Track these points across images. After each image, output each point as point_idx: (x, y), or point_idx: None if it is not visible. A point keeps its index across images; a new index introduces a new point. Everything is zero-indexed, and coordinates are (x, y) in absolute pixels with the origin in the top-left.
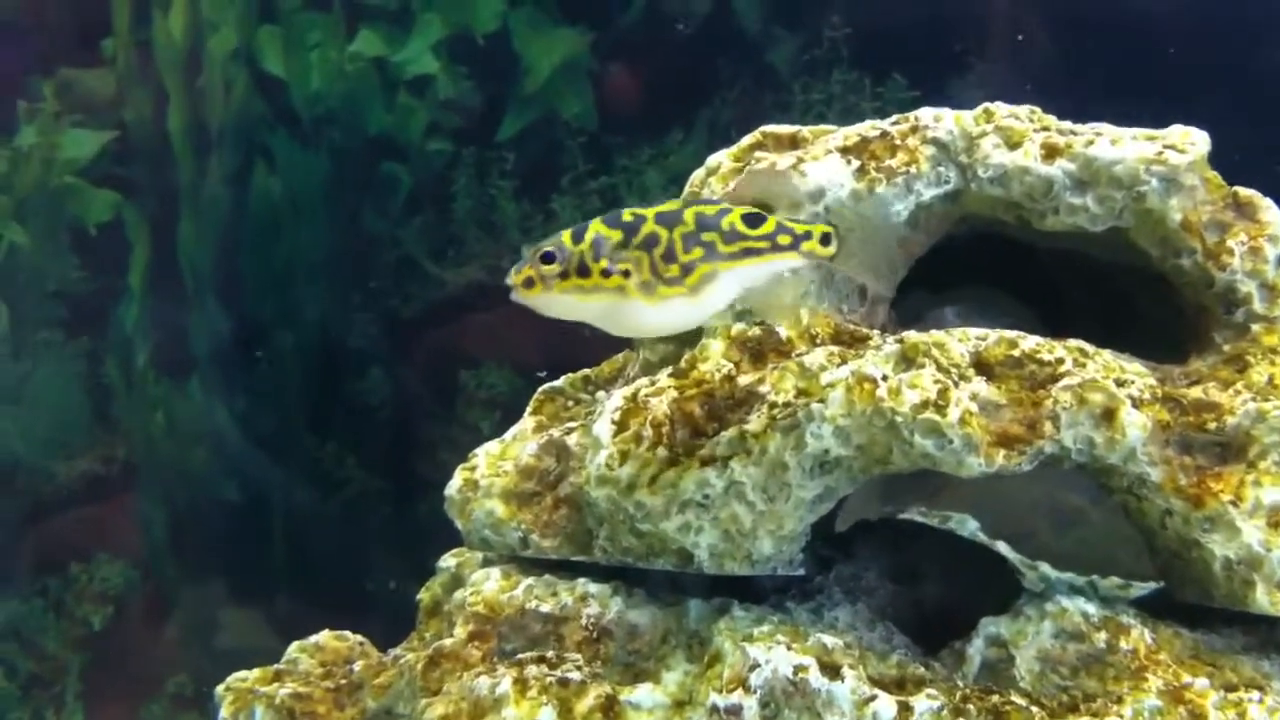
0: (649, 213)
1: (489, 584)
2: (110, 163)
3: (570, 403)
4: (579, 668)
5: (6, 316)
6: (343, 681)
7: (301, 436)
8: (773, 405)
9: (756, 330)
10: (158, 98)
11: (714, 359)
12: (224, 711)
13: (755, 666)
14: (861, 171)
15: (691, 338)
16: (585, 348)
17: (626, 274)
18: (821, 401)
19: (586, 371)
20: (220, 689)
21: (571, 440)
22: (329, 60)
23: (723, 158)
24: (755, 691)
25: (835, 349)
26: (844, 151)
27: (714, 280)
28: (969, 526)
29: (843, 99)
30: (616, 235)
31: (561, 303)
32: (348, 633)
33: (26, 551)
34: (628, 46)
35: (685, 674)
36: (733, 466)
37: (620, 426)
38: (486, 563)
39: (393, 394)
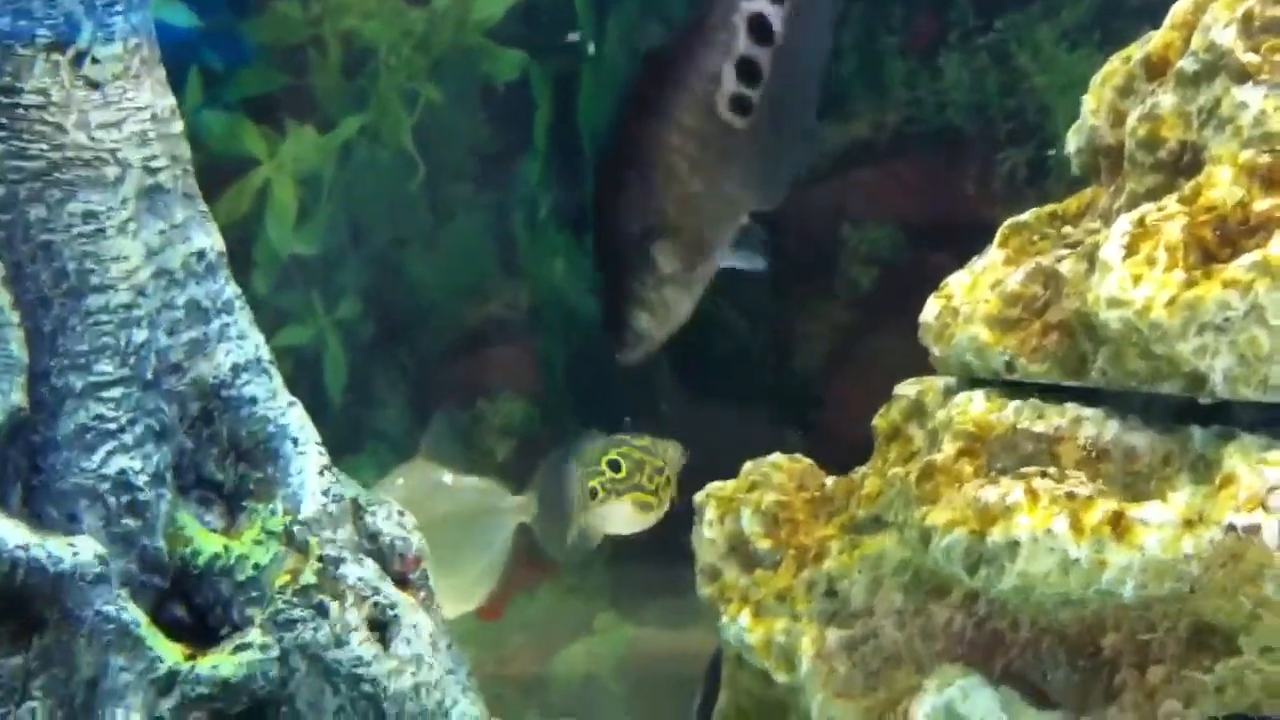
0: None
1: (975, 405)
2: (517, 23)
3: (1036, 237)
4: (1081, 484)
5: (423, 170)
6: (816, 494)
7: None
8: None
9: (1266, 158)
10: None
11: (1222, 186)
12: (709, 514)
13: (1275, 488)
14: None
15: (1186, 169)
16: (968, 202)
17: None
18: None
19: (1053, 206)
20: (700, 496)
21: (1064, 267)
22: None
23: None
24: (1275, 512)
25: None
26: None
27: None
28: None
29: None
30: None
31: None
32: (798, 455)
33: (438, 387)
34: None
35: (1192, 495)
36: (1256, 289)
37: (1130, 250)
38: (961, 387)
39: (775, 249)
